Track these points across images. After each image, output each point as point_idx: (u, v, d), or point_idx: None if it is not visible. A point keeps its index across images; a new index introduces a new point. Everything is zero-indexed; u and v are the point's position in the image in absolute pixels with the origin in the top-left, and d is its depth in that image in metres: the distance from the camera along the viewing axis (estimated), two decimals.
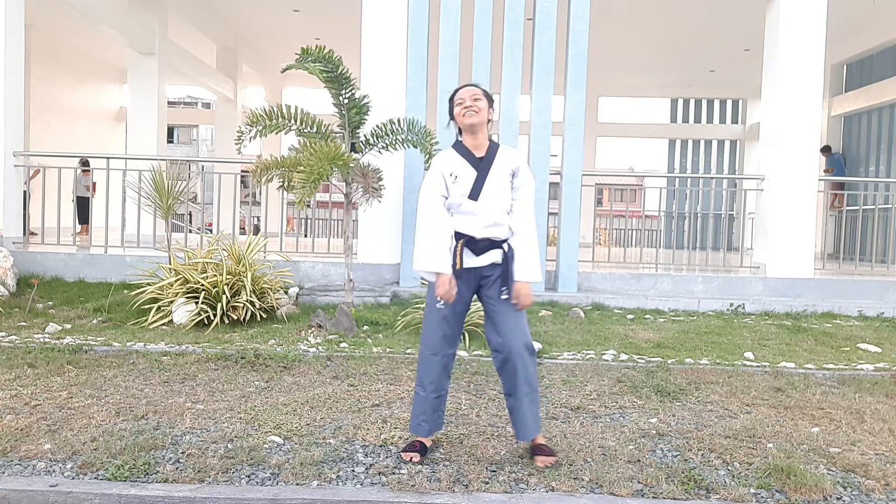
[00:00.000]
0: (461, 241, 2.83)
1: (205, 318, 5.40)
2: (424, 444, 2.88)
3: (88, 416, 3.21)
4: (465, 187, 2.82)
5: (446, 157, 2.91)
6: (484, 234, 2.83)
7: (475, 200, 2.81)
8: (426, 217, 2.82)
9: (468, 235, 2.83)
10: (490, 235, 2.84)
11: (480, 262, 2.85)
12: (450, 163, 2.87)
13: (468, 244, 2.84)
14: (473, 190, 2.82)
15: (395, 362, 4.42)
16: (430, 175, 2.88)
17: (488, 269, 2.86)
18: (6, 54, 7.36)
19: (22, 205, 7.72)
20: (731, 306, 7.04)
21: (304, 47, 5.21)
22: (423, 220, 2.82)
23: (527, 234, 2.83)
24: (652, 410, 3.58)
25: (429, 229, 2.79)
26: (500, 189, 2.84)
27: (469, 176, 2.83)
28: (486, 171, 2.83)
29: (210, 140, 38.73)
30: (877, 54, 11.84)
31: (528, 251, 2.81)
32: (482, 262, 2.85)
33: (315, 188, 5.06)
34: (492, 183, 2.83)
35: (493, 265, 2.85)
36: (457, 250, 2.82)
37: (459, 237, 2.84)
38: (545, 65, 7.16)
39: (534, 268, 2.82)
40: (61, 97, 14.28)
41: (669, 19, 11.67)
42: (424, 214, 2.83)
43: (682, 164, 17.45)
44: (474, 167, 2.84)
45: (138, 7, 10.83)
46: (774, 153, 7.51)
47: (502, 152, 2.90)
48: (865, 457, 2.96)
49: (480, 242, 2.83)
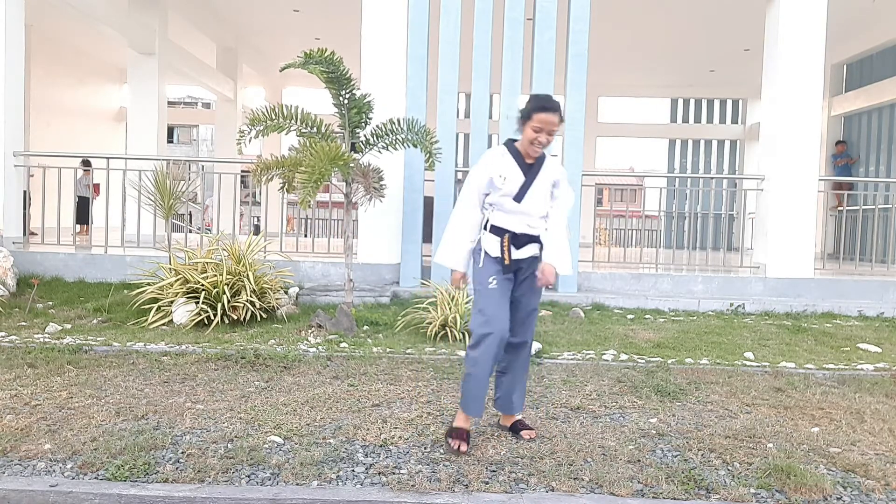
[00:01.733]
0: (506, 236, 3.01)
1: (205, 318, 5.40)
2: (469, 432, 2.97)
3: (88, 416, 3.21)
4: (511, 189, 2.98)
5: (499, 157, 3.02)
6: (521, 229, 3.03)
7: (518, 203, 2.99)
8: (458, 215, 3.06)
9: (510, 231, 3.02)
10: (528, 232, 3.04)
11: (522, 255, 3.05)
12: (502, 164, 2.99)
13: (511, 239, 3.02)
14: (519, 193, 2.99)
15: (395, 362, 4.42)
16: (478, 171, 3.03)
17: (527, 261, 3.06)
18: (6, 54, 7.36)
19: (22, 205, 7.72)
20: (731, 306, 7.04)
21: (307, 50, 5.22)
22: (455, 216, 3.07)
23: (560, 233, 3.06)
24: (652, 410, 3.58)
25: (457, 228, 3.05)
26: (542, 196, 3.03)
27: (517, 179, 2.98)
28: (532, 177, 3.00)
29: (210, 140, 38.73)
30: (877, 54, 11.84)
31: (560, 246, 3.02)
32: (523, 254, 3.05)
33: (317, 188, 5.06)
34: (536, 189, 3.00)
35: (532, 258, 3.06)
36: (503, 245, 3.00)
37: (502, 232, 3.01)
38: (545, 65, 7.16)
39: (564, 260, 3.02)
40: (61, 97, 14.28)
41: (669, 19, 11.67)
42: (458, 212, 3.06)
43: (682, 164, 17.45)
44: (523, 172, 2.99)
45: (138, 7, 10.83)
46: (774, 153, 7.51)
47: (548, 163, 3.05)
48: (865, 457, 2.96)
49: (521, 237, 3.03)
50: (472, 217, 3.04)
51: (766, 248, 7.61)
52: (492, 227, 3.02)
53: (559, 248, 3.02)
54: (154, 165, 6.76)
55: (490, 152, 3.10)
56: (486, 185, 3.01)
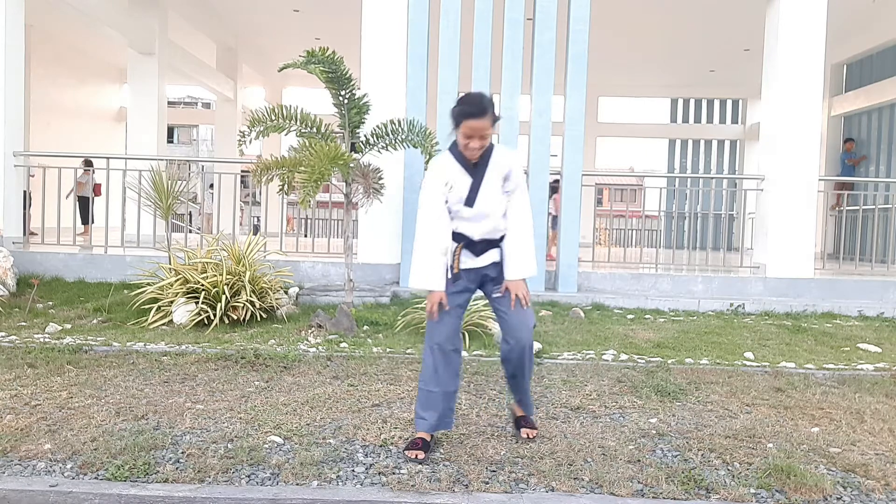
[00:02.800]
0: (460, 245, 2.91)
1: (205, 318, 5.40)
2: (427, 441, 2.88)
3: (88, 416, 3.21)
4: (460, 194, 2.86)
5: (443, 164, 2.91)
6: (482, 236, 2.92)
7: (471, 207, 2.87)
8: (421, 233, 2.87)
9: (467, 237, 2.91)
10: (487, 237, 2.93)
11: (481, 263, 2.95)
12: (446, 171, 2.88)
13: (467, 246, 2.92)
14: (469, 197, 2.86)
15: (395, 362, 4.42)
16: (428, 183, 2.89)
17: (490, 268, 2.96)
18: (6, 54, 7.36)
19: (22, 205, 7.72)
20: (731, 306, 7.04)
21: (309, 50, 5.22)
22: (419, 235, 2.87)
23: (518, 233, 2.90)
24: (652, 410, 3.58)
25: (423, 246, 2.85)
26: (495, 194, 2.88)
27: (464, 183, 2.86)
28: (480, 177, 2.86)
29: (210, 140, 38.73)
30: (877, 54, 11.84)
31: (518, 249, 2.89)
32: (482, 262, 2.95)
33: (317, 188, 5.06)
34: (486, 189, 2.87)
35: (494, 264, 2.95)
36: (455, 253, 2.90)
37: (459, 239, 2.91)
38: (545, 65, 7.16)
39: (524, 264, 2.89)
40: (61, 97, 14.28)
41: (670, 19, 11.67)
42: (420, 229, 2.87)
43: (682, 164, 17.46)
44: (469, 174, 2.87)
45: (138, 7, 10.83)
46: (774, 153, 7.51)
47: (496, 156, 2.89)
48: (865, 457, 2.96)
49: (479, 244, 2.93)
50: (437, 227, 2.84)
51: (766, 248, 7.61)
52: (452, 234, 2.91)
53: (518, 252, 2.88)
54: (151, 165, 6.75)
55: (435, 159, 2.99)
56: (439, 195, 2.85)
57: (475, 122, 2.75)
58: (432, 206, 2.86)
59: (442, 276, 2.85)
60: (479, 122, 2.75)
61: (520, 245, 2.89)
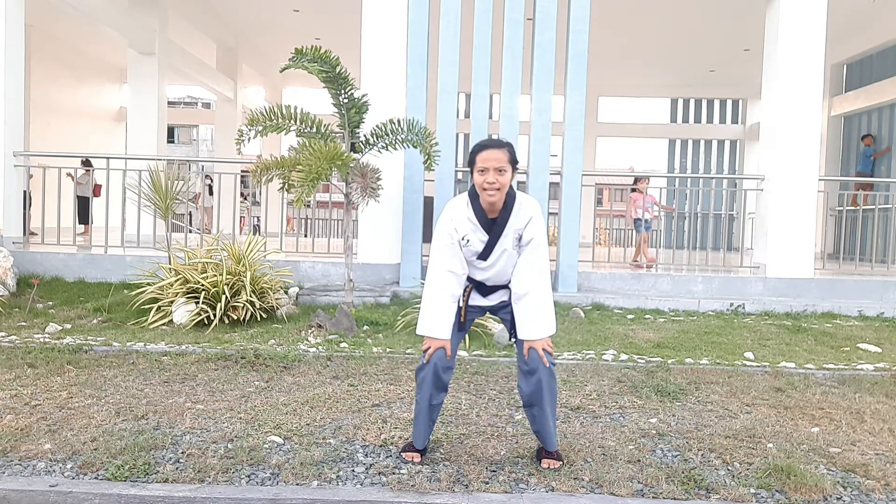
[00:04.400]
0: (469, 287, 2.84)
1: (205, 318, 5.40)
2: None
3: (88, 416, 3.21)
4: (475, 249, 2.75)
5: (459, 213, 2.74)
6: (492, 283, 2.85)
7: (484, 261, 2.78)
8: (431, 281, 2.76)
9: (477, 281, 2.85)
10: (497, 283, 2.85)
11: (489, 303, 2.90)
12: (461, 223, 2.73)
13: (477, 287, 2.86)
14: (483, 252, 2.75)
15: (395, 362, 4.42)
16: (441, 230, 2.76)
17: (498, 304, 2.90)
18: (6, 54, 7.36)
19: (22, 205, 7.72)
20: (731, 306, 7.04)
21: (298, 48, 5.21)
22: (429, 283, 2.77)
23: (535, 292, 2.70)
24: (652, 410, 3.58)
25: (434, 294, 2.74)
26: (509, 249, 2.75)
27: (480, 238, 2.74)
28: (497, 235, 2.73)
29: (210, 140, 38.73)
30: (877, 54, 11.84)
31: (536, 310, 2.70)
32: (490, 302, 2.90)
33: (313, 188, 5.06)
34: (502, 245, 2.74)
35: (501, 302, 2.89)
36: (465, 296, 2.82)
37: (469, 281, 2.84)
38: (545, 65, 7.16)
39: (544, 325, 2.70)
40: (61, 97, 14.28)
41: (669, 19, 11.67)
42: (430, 278, 2.77)
43: (682, 164, 17.45)
44: (486, 230, 2.72)
45: (138, 7, 10.83)
46: (774, 153, 7.51)
47: (517, 210, 2.73)
48: (865, 457, 2.96)
49: (489, 287, 2.87)
50: (446, 279, 2.72)
51: (766, 248, 7.61)
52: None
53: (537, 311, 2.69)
54: (149, 165, 6.75)
55: (452, 204, 2.80)
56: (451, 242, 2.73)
57: (488, 154, 2.64)
58: (443, 251, 2.74)
59: (450, 325, 2.74)
60: (491, 153, 2.63)
61: (538, 305, 2.70)
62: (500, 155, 2.64)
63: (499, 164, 2.63)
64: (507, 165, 2.65)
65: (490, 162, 2.63)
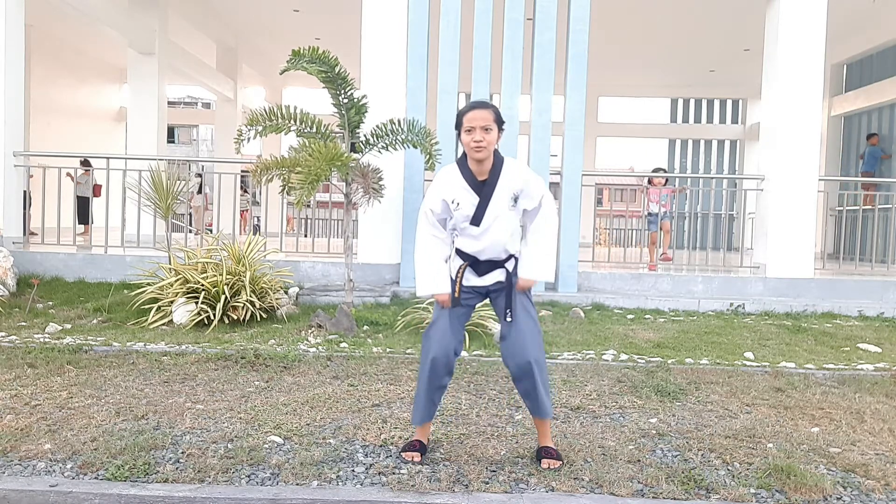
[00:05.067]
0: (464, 265, 2.82)
1: (205, 318, 5.40)
2: (424, 444, 2.87)
3: (88, 416, 3.21)
4: (466, 213, 2.76)
5: (449, 178, 2.80)
6: (487, 255, 2.82)
7: (477, 226, 2.76)
8: (420, 244, 2.85)
9: (472, 256, 2.82)
10: (493, 257, 2.82)
11: (484, 283, 2.85)
12: (452, 187, 2.78)
13: (472, 265, 2.83)
14: (475, 216, 2.75)
15: (395, 362, 4.42)
16: (431, 195, 2.81)
17: (494, 286, 2.86)
18: (6, 54, 7.36)
19: (22, 205, 7.72)
20: (731, 306, 7.04)
21: (296, 49, 5.20)
22: (418, 246, 2.86)
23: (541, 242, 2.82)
24: (652, 410, 3.58)
25: (423, 257, 2.84)
26: (504, 213, 2.76)
27: (471, 201, 2.75)
28: (488, 196, 2.75)
29: (210, 140, 38.72)
30: (877, 54, 11.84)
31: (538, 254, 2.81)
32: (486, 282, 2.85)
33: (313, 189, 5.06)
34: (494, 208, 2.75)
35: (497, 283, 2.85)
36: (459, 271, 2.82)
37: (464, 257, 2.83)
38: (545, 65, 7.16)
39: (543, 267, 2.82)
40: (61, 97, 14.29)
41: (670, 19, 11.67)
42: (419, 241, 2.86)
43: (682, 164, 17.45)
44: (476, 192, 2.75)
45: (138, 7, 10.83)
46: (774, 153, 7.51)
47: (506, 172, 2.77)
48: (865, 457, 2.96)
49: (483, 264, 2.83)
50: (432, 242, 2.81)
51: (766, 248, 7.61)
52: (457, 251, 2.85)
53: (538, 256, 2.80)
54: (149, 165, 6.75)
55: (442, 171, 2.86)
56: (440, 209, 2.79)
57: (474, 113, 2.69)
58: (427, 221, 2.82)
59: (446, 278, 2.81)
60: (478, 113, 2.69)
61: (541, 252, 2.81)
62: (485, 114, 2.70)
63: (485, 122, 2.68)
64: (492, 124, 2.70)
65: (476, 121, 2.68)
